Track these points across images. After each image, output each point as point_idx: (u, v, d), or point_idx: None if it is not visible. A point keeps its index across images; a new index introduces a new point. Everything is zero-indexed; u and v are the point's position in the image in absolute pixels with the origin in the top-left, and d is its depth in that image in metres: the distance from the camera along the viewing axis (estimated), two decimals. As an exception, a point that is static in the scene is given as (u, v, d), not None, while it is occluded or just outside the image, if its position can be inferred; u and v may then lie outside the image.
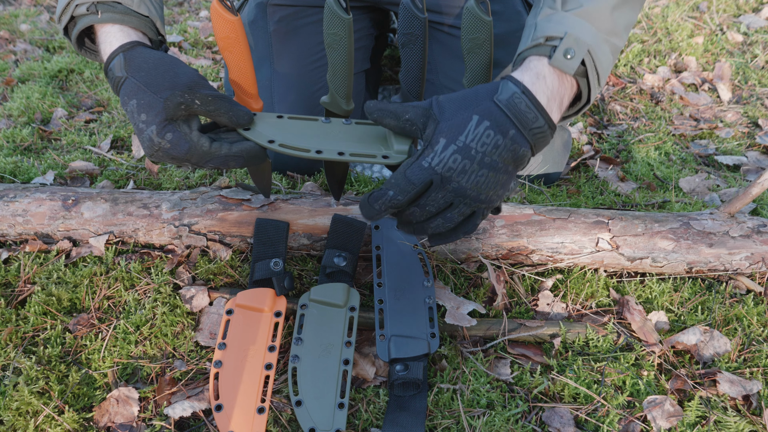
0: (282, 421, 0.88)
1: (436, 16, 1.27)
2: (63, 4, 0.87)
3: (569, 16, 0.80)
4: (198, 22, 2.45)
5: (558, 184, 1.41)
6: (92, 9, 0.85)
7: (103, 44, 0.86)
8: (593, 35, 0.79)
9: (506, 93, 0.76)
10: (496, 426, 0.86)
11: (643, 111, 1.77)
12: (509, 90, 0.76)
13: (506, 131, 0.75)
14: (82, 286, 1.06)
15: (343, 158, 0.83)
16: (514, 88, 0.76)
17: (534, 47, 0.80)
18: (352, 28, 0.86)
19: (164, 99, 0.79)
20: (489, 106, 0.75)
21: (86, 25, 0.86)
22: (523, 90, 0.76)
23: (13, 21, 2.38)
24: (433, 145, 0.75)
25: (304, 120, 0.89)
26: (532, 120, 0.76)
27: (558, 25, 0.79)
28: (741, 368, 0.96)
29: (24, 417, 0.86)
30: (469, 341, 1.00)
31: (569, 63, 0.78)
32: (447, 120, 0.75)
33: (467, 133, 0.74)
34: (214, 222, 1.11)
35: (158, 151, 0.81)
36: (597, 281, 1.10)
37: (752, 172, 1.50)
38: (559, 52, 0.78)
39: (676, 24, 2.26)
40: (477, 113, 0.75)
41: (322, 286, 1.00)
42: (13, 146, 1.53)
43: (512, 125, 0.75)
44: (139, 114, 0.80)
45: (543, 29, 0.80)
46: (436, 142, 0.75)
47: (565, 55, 0.78)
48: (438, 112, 0.77)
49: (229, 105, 0.82)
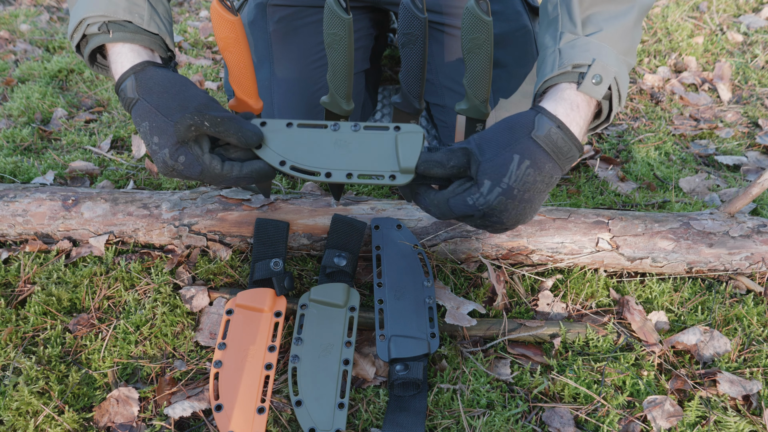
0: (282, 421, 0.88)
1: (436, 16, 1.27)
2: (75, 23, 0.87)
3: (592, 41, 0.81)
4: (198, 22, 2.45)
5: (558, 184, 1.41)
6: (103, 28, 0.85)
7: (114, 64, 0.87)
8: (615, 59, 0.81)
9: (543, 129, 0.78)
10: (496, 426, 0.86)
11: (643, 111, 1.77)
12: (545, 126, 0.78)
13: (543, 167, 0.78)
14: (82, 286, 1.06)
15: (351, 180, 0.85)
16: (550, 124, 0.78)
17: (562, 74, 0.82)
18: (352, 28, 0.86)
19: (175, 122, 0.81)
20: (528, 144, 0.77)
21: (98, 44, 0.87)
22: (558, 125, 0.78)
23: (13, 21, 2.38)
24: (479, 186, 0.78)
25: (313, 128, 0.88)
26: (567, 151, 0.79)
27: (583, 52, 0.80)
28: (741, 368, 0.96)
29: (24, 417, 0.86)
30: (469, 341, 1.00)
31: (598, 89, 0.80)
32: (488, 161, 0.78)
33: (510, 175, 0.77)
34: (214, 222, 1.11)
35: (172, 171, 0.84)
36: (597, 281, 1.10)
37: (752, 172, 1.50)
38: (588, 80, 0.79)
39: (676, 24, 2.26)
40: (517, 153, 0.77)
41: (322, 286, 1.00)
42: (13, 146, 1.53)
43: (550, 159, 0.78)
44: (152, 137, 0.82)
45: (569, 57, 0.81)
46: (482, 184, 0.78)
47: (593, 80, 0.79)
48: (479, 153, 0.79)
49: (238, 126, 0.83)
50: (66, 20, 2.50)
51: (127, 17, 0.85)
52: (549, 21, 0.88)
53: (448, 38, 1.29)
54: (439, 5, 1.26)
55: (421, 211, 1.12)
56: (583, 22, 0.83)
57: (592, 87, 0.79)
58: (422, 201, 0.84)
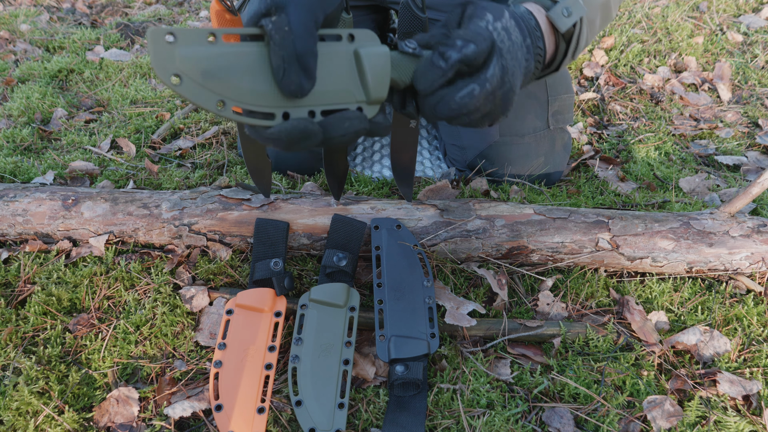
0: (282, 421, 0.88)
1: (436, 15, 1.27)
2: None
3: None
4: (198, 22, 2.45)
5: (558, 184, 1.41)
6: None
7: None
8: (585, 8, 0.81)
9: (520, 9, 0.77)
10: (496, 426, 0.86)
11: (643, 111, 1.77)
12: (521, 8, 0.77)
13: (525, 36, 0.74)
14: (82, 286, 1.06)
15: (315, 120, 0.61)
16: (524, 9, 0.77)
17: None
18: (352, 28, 0.86)
19: None
20: (511, 11, 0.75)
21: None
22: (530, 12, 0.77)
23: (13, 21, 2.38)
24: (482, 16, 0.70)
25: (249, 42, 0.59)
26: (538, 38, 0.76)
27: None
28: (741, 368, 0.96)
29: (24, 417, 0.86)
30: (469, 341, 1.00)
31: (565, 20, 0.79)
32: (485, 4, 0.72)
33: (505, 20, 0.71)
34: (214, 222, 1.11)
35: None
36: (597, 281, 1.10)
37: (752, 172, 1.50)
38: (560, 7, 0.78)
39: (676, 24, 2.26)
40: (508, 10, 0.74)
41: (322, 286, 1.00)
42: (13, 146, 1.53)
43: (527, 35, 0.75)
44: None
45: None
46: (483, 15, 0.70)
47: (563, 12, 0.78)
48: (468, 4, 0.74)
49: None
50: (66, 20, 2.50)
51: None
52: None
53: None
54: (440, 4, 1.26)
55: (421, 211, 1.12)
56: None
57: (560, 16, 0.78)
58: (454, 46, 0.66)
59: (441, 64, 0.66)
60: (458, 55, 0.65)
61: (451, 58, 0.65)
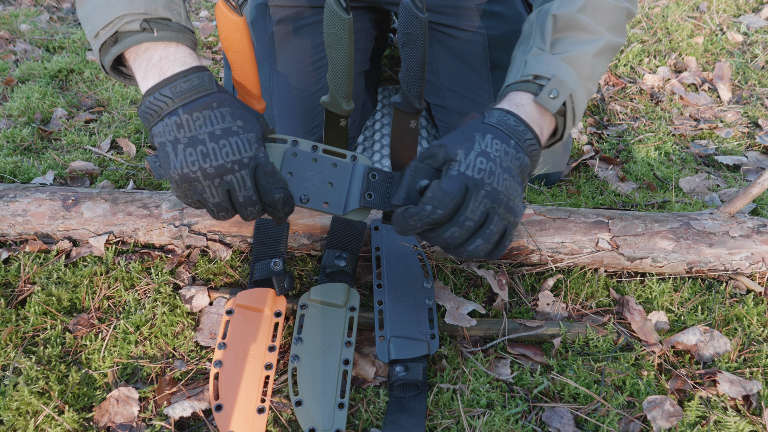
0: (282, 421, 0.88)
1: (436, 16, 1.27)
2: (103, 21, 0.79)
3: (557, 59, 0.86)
4: (198, 22, 2.45)
5: (558, 184, 1.41)
6: (145, 26, 0.78)
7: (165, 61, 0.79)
8: (575, 80, 0.86)
9: (493, 116, 0.81)
10: (496, 426, 0.86)
11: (643, 111, 1.77)
12: (494, 113, 0.81)
13: (508, 141, 0.79)
14: (82, 286, 1.06)
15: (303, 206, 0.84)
16: (499, 112, 0.81)
17: (522, 83, 0.86)
18: (352, 27, 0.86)
19: (257, 117, 0.79)
20: (484, 127, 0.79)
21: (137, 43, 0.78)
22: (507, 111, 0.81)
23: (13, 21, 2.38)
24: (453, 157, 0.76)
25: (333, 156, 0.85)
26: (522, 132, 0.80)
27: (547, 66, 0.85)
28: (741, 368, 0.96)
29: (24, 417, 0.86)
30: (469, 341, 1.00)
31: (552, 102, 0.84)
32: (452, 141, 0.78)
33: (478, 143, 0.77)
34: (214, 222, 1.11)
35: (252, 159, 0.76)
36: (597, 281, 1.10)
37: (752, 172, 1.50)
38: (545, 92, 0.84)
39: (676, 24, 2.26)
40: (478, 132, 0.78)
41: (322, 286, 1.00)
42: (13, 146, 1.53)
43: (509, 137, 0.79)
44: (235, 120, 0.77)
45: (533, 67, 0.86)
46: (455, 155, 0.76)
47: (549, 94, 0.83)
48: (440, 143, 0.79)
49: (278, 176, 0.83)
50: (66, 20, 2.50)
51: (167, 14, 0.79)
52: (523, 37, 0.94)
53: (448, 38, 1.29)
54: (440, 5, 1.26)
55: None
56: (553, 43, 0.88)
57: (548, 100, 0.84)
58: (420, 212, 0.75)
59: (411, 223, 0.75)
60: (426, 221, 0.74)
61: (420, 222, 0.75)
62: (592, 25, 0.89)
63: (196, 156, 0.75)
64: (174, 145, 0.75)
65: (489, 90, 1.29)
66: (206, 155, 0.75)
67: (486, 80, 1.29)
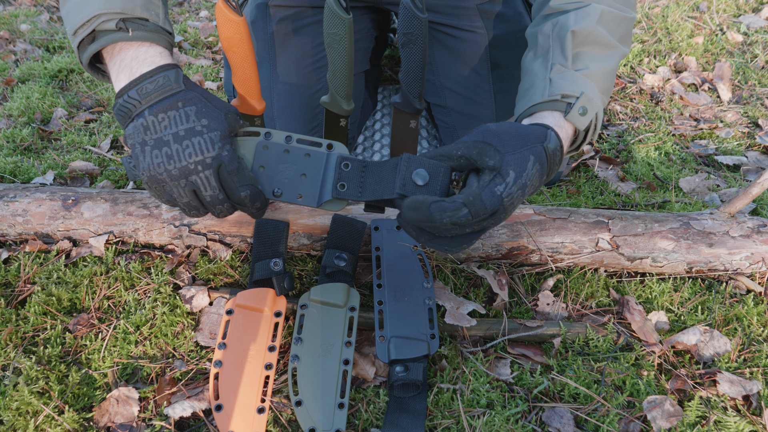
0: (282, 421, 0.88)
1: (436, 16, 1.27)
2: (81, 19, 0.80)
3: (580, 76, 0.88)
4: (198, 22, 2.45)
5: (558, 184, 1.41)
6: (121, 25, 0.80)
7: (135, 62, 0.81)
8: (597, 96, 0.88)
9: (553, 143, 0.81)
10: (496, 426, 0.86)
11: (643, 111, 1.77)
12: (554, 142, 0.81)
13: (543, 171, 0.80)
14: (82, 286, 1.06)
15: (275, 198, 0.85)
16: (558, 142, 0.82)
17: (550, 102, 0.87)
18: (352, 27, 0.86)
19: (225, 113, 0.80)
20: (540, 151, 0.79)
21: (112, 42, 0.80)
22: (561, 145, 0.83)
23: (13, 21, 2.38)
24: (504, 176, 0.76)
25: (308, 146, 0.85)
26: (557, 167, 0.83)
27: (573, 84, 0.87)
28: (741, 368, 0.96)
29: (24, 417, 0.86)
30: (469, 341, 1.00)
31: (582, 120, 0.86)
32: (511, 153, 0.77)
33: (527, 172, 0.77)
34: (214, 222, 1.11)
35: (214, 159, 0.78)
36: (597, 281, 1.10)
37: (752, 172, 1.50)
38: (575, 110, 0.85)
39: (676, 24, 2.26)
40: (533, 154, 0.78)
41: (322, 286, 1.00)
42: (13, 146, 1.53)
43: (546, 167, 0.81)
44: (199, 119, 0.78)
45: (559, 86, 0.87)
46: (507, 174, 0.76)
47: (579, 112, 0.85)
48: (499, 143, 0.78)
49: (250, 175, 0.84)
50: (66, 20, 2.50)
51: (144, 14, 0.81)
52: (539, 49, 0.94)
53: (449, 38, 1.29)
54: (440, 5, 1.26)
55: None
56: (573, 58, 0.90)
57: (578, 117, 0.85)
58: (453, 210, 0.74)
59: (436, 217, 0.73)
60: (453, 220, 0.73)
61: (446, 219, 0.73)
62: (609, 39, 0.91)
63: (162, 158, 0.77)
64: (142, 147, 0.78)
65: (489, 90, 1.29)
66: (171, 157, 0.77)
67: (486, 80, 1.29)
